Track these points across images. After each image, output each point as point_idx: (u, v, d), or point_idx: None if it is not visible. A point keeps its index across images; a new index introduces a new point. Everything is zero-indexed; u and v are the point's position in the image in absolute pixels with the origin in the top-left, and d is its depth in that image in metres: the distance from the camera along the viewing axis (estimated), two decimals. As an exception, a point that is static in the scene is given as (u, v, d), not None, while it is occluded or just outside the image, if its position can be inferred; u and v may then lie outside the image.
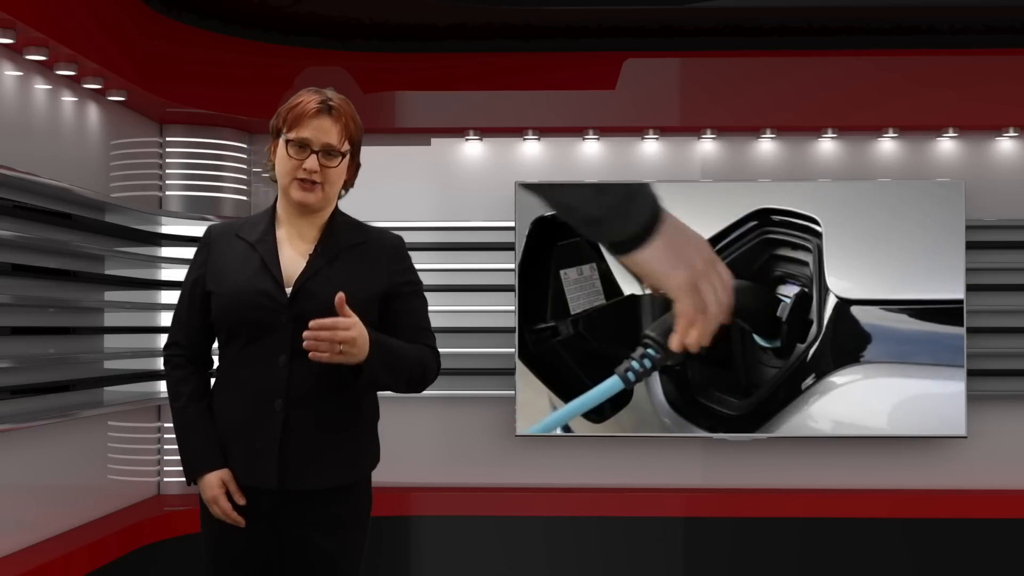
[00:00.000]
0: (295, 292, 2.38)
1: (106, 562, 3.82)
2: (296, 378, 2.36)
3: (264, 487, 2.38)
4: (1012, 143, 4.85)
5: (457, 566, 4.73)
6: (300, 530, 2.42)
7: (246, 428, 2.39)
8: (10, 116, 3.55)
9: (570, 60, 4.79)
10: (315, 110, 2.39)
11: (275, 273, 2.39)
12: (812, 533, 4.69)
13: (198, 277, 2.47)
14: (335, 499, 2.42)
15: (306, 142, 2.38)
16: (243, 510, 2.41)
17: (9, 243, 3.38)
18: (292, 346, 2.34)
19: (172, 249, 4.49)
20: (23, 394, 3.50)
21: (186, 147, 4.69)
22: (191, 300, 2.49)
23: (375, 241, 2.49)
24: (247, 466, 2.39)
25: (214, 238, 2.49)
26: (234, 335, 2.41)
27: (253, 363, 2.38)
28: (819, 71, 4.76)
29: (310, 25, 4.68)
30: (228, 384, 2.44)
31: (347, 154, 2.44)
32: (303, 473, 2.38)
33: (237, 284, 2.40)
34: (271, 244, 2.43)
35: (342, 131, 2.42)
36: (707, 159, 4.89)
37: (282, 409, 2.36)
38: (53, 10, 3.46)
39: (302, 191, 2.40)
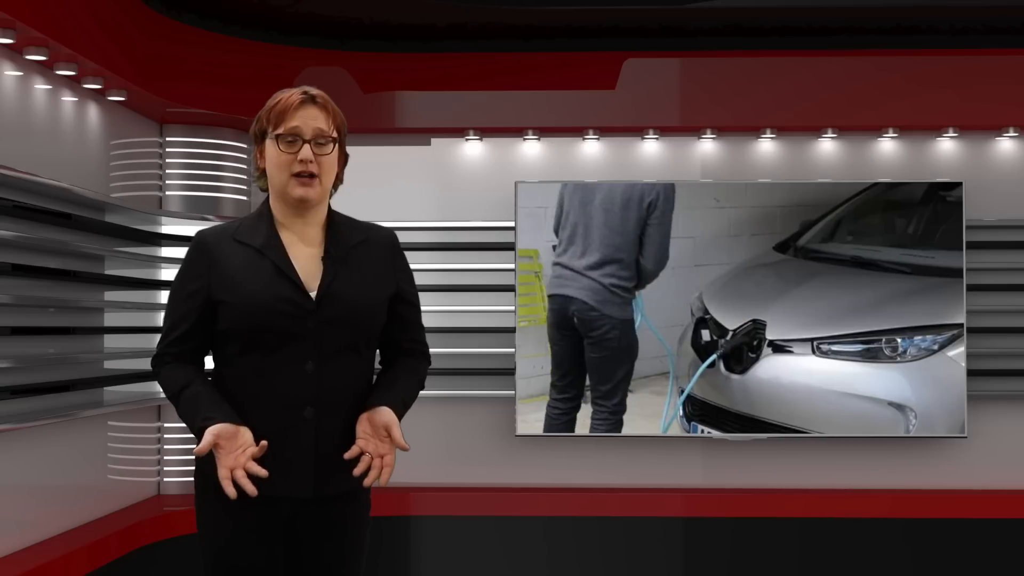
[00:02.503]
0: (320, 297, 2.34)
1: (106, 562, 3.82)
2: (325, 385, 2.34)
3: (298, 496, 2.35)
4: (1012, 143, 4.85)
5: (457, 566, 4.73)
6: (313, 536, 2.40)
7: (275, 437, 2.31)
8: (10, 116, 3.55)
9: (570, 60, 4.79)
10: (299, 101, 2.37)
11: (293, 278, 2.34)
12: (812, 533, 4.69)
13: (200, 287, 2.35)
14: (343, 500, 2.42)
15: (296, 132, 2.34)
16: (263, 519, 2.35)
17: (9, 243, 3.38)
18: (319, 352, 2.33)
19: (172, 249, 4.49)
20: (23, 394, 3.50)
21: (186, 147, 4.69)
22: (188, 311, 2.37)
23: (374, 238, 2.47)
24: (279, 476, 2.30)
25: (211, 245, 2.38)
26: (254, 344, 2.33)
27: (278, 371, 2.33)
28: (819, 71, 4.76)
29: (310, 25, 4.68)
30: (251, 393, 2.35)
31: (336, 141, 2.40)
32: (334, 478, 2.36)
33: (254, 292, 2.32)
34: (280, 249, 2.37)
35: (329, 117, 2.39)
36: (707, 159, 4.89)
37: (313, 417, 2.33)
38: (53, 10, 3.46)
39: (302, 187, 2.35)
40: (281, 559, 2.41)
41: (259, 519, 2.35)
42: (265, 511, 2.35)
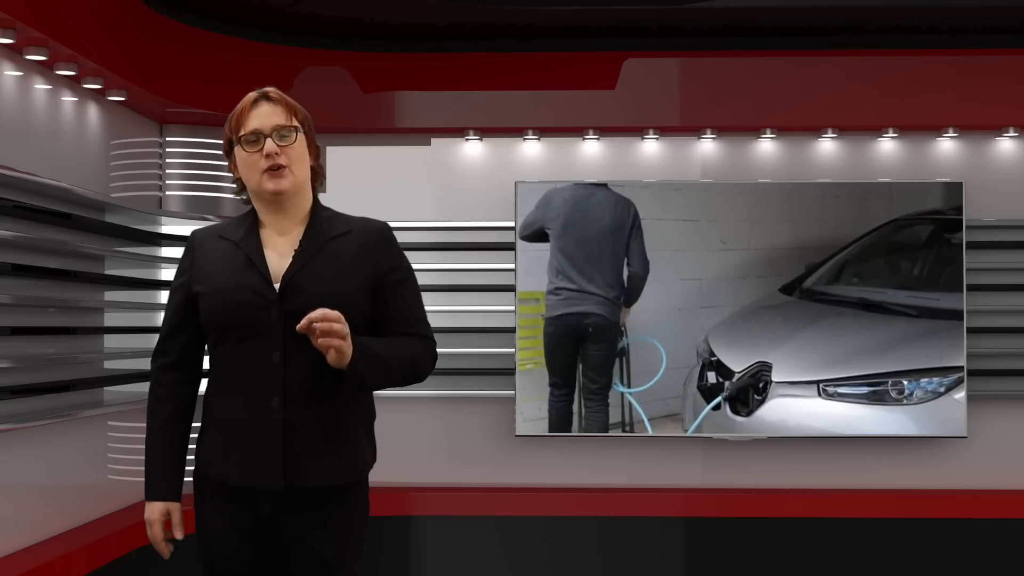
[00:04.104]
0: (283, 288, 2.36)
1: (106, 562, 3.82)
2: (291, 375, 2.35)
3: (268, 487, 2.37)
4: (1012, 143, 4.85)
5: (457, 566, 4.73)
6: (299, 533, 2.40)
7: (245, 428, 2.36)
8: (10, 116, 3.55)
9: (570, 60, 4.79)
10: (252, 100, 2.43)
11: (261, 269, 2.38)
12: (812, 533, 4.69)
13: (184, 281, 2.46)
14: (334, 502, 2.41)
15: (257, 130, 2.39)
16: (243, 513, 2.40)
17: (9, 243, 3.38)
18: (285, 343, 2.34)
19: (172, 249, 4.49)
20: (23, 394, 3.50)
21: (186, 147, 4.69)
22: (178, 305, 2.47)
23: (360, 230, 2.46)
24: (249, 467, 2.37)
25: (198, 242, 2.48)
26: (225, 335, 2.39)
27: (246, 362, 2.37)
28: (819, 71, 4.76)
29: (310, 25, 4.68)
30: (223, 385, 2.41)
31: (299, 130, 2.42)
32: (307, 470, 2.36)
33: (223, 282, 2.38)
34: (255, 241, 2.42)
35: (285, 110, 2.42)
36: (707, 159, 4.89)
37: (279, 407, 2.35)
38: (53, 10, 3.46)
39: (273, 180, 2.38)
40: (266, 555, 2.42)
41: (237, 511, 2.40)
42: (243, 503, 2.39)
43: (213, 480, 2.42)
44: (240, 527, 2.41)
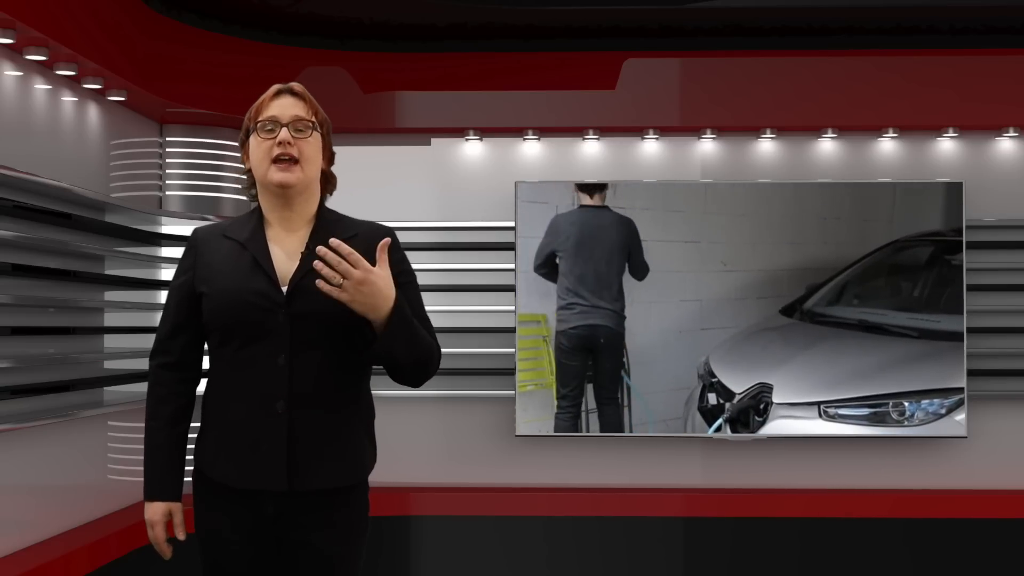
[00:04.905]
0: (291, 291, 2.35)
1: (106, 562, 3.82)
2: (297, 378, 2.34)
3: (272, 489, 2.36)
4: (1012, 143, 4.85)
5: (457, 566, 4.73)
6: (301, 534, 2.40)
7: (249, 431, 2.35)
8: (10, 116, 3.55)
9: (570, 60, 4.79)
10: (275, 91, 2.43)
11: (269, 271, 2.37)
12: (812, 533, 4.69)
13: (186, 280, 2.44)
14: (335, 502, 2.41)
15: (274, 118, 2.38)
16: (244, 514, 2.39)
17: (9, 243, 3.38)
18: (291, 346, 2.33)
19: (172, 249, 4.49)
20: (23, 394, 3.50)
21: (186, 147, 4.69)
22: (179, 304, 2.45)
23: (366, 233, 2.45)
24: (252, 469, 2.35)
25: (201, 240, 2.46)
26: (229, 336, 2.37)
27: (252, 365, 2.35)
28: (819, 71, 4.76)
29: (310, 25, 4.68)
30: (226, 386, 2.39)
31: (316, 129, 2.42)
32: (311, 472, 2.36)
33: (230, 284, 2.37)
34: (261, 242, 2.40)
35: (307, 106, 2.43)
36: (707, 159, 4.89)
37: (285, 410, 2.34)
38: (53, 10, 3.46)
39: (280, 171, 2.37)
40: (267, 556, 2.42)
41: (238, 513, 2.39)
42: (245, 505, 2.38)
43: (214, 481, 2.41)
44: (241, 528, 2.40)
